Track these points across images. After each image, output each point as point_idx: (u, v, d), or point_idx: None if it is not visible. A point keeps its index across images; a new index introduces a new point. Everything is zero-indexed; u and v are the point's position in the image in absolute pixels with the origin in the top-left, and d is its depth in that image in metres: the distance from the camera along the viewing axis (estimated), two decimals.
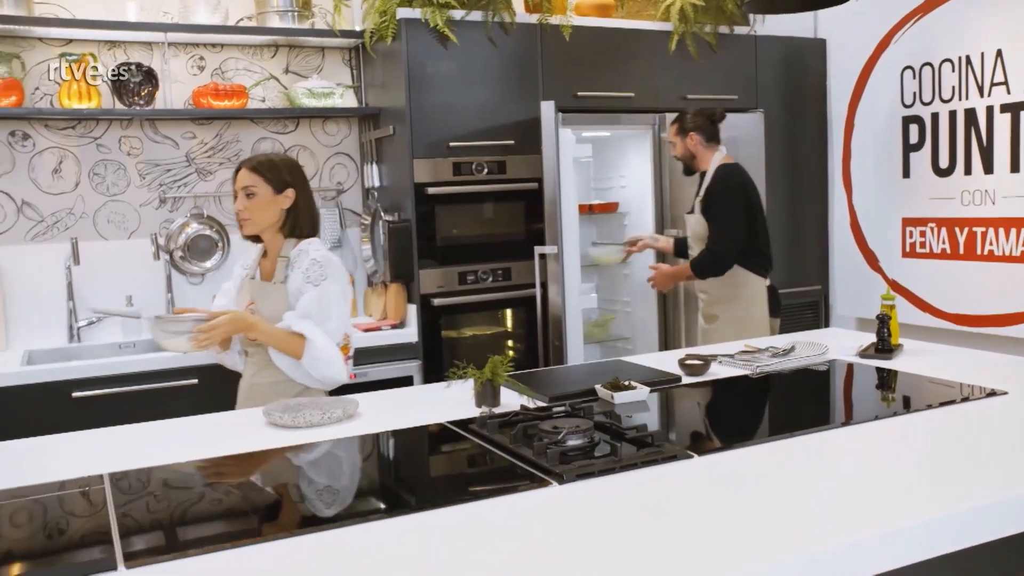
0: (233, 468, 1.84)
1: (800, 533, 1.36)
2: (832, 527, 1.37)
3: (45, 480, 1.77)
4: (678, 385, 2.40)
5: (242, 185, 2.54)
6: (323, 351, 2.45)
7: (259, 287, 2.59)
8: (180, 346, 2.42)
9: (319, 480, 1.81)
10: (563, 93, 4.00)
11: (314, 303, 2.48)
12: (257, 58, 4.05)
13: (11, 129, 3.65)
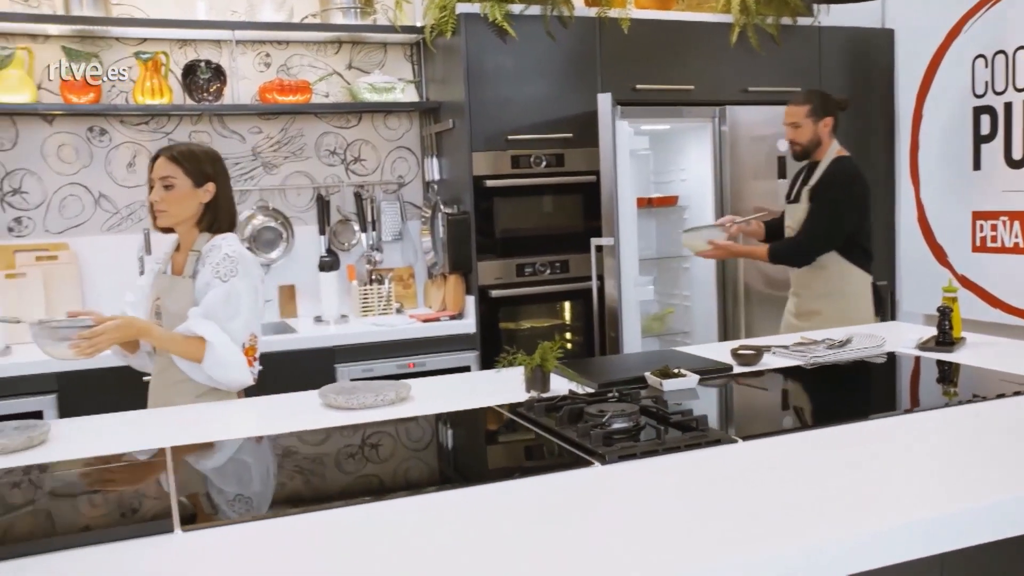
0: (288, 443, 1.91)
1: (839, 516, 1.35)
2: (874, 511, 1.36)
3: (113, 451, 1.86)
4: (729, 374, 2.39)
5: (160, 175, 2.41)
6: (224, 355, 2.34)
7: (167, 281, 2.49)
8: (62, 353, 2.26)
9: (371, 456, 1.86)
10: (622, 86, 4.00)
11: (220, 300, 2.36)
12: (321, 54, 4.15)
13: (89, 125, 3.82)
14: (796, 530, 1.30)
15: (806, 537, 1.28)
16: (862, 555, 1.29)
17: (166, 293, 2.47)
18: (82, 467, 1.78)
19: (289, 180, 4.14)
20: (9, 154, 3.71)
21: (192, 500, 1.54)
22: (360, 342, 3.68)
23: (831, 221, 3.38)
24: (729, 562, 1.21)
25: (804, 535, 1.28)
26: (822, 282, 3.45)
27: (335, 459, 1.83)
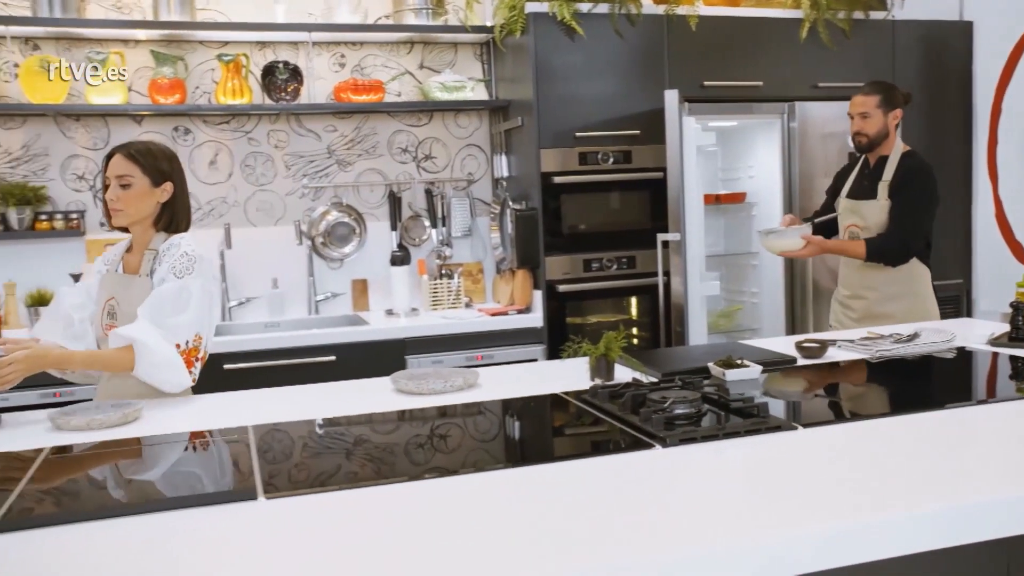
0: (361, 424, 2.00)
1: (889, 497, 1.37)
2: (930, 495, 1.38)
3: (199, 428, 1.98)
4: (792, 366, 2.41)
5: (116, 173, 2.34)
6: (158, 354, 2.24)
7: (122, 280, 2.42)
8: None
9: (440, 436, 1.94)
10: (689, 83, 4.02)
11: (169, 294, 2.30)
12: (394, 54, 4.26)
13: (175, 124, 4.00)
14: (850, 510, 1.33)
15: (856, 516, 1.30)
16: (916, 536, 1.31)
17: (122, 293, 2.39)
18: (174, 441, 1.90)
19: (362, 177, 4.26)
20: (101, 153, 3.91)
21: (273, 471, 1.64)
22: (430, 335, 3.78)
23: (926, 216, 3.31)
24: (782, 536, 1.25)
25: (857, 514, 1.31)
26: (894, 284, 3.34)
27: (405, 439, 1.91)
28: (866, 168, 3.45)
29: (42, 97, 3.63)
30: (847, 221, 3.44)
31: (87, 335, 2.44)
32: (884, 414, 1.89)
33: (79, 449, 1.87)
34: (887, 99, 3.33)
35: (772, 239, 3.37)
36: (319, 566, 1.21)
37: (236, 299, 4.08)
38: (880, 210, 3.34)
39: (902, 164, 3.33)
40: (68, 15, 3.65)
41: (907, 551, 1.31)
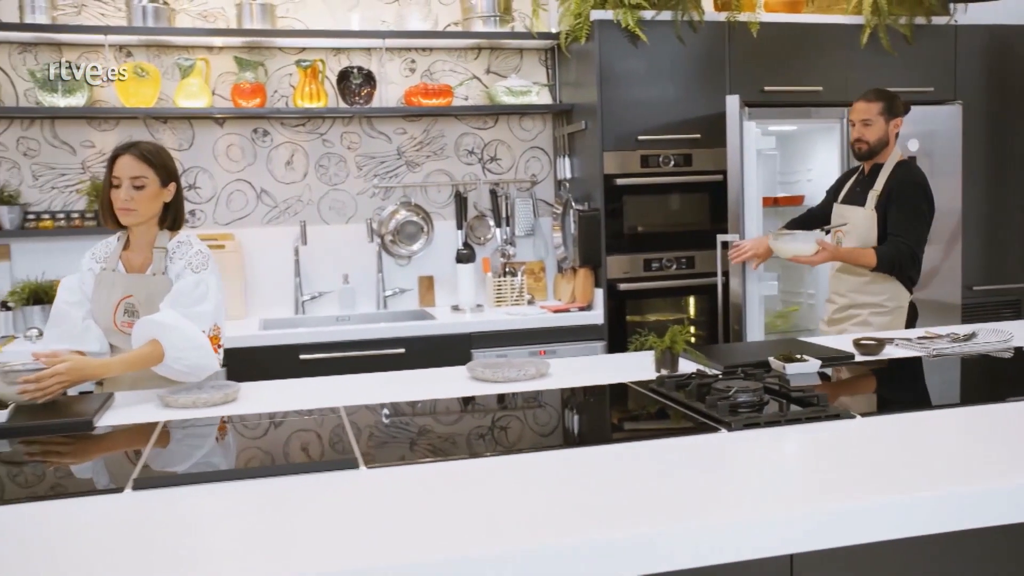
0: (442, 406, 2.15)
1: (936, 478, 1.48)
2: (975, 477, 1.49)
3: (294, 408, 2.15)
4: (850, 362, 2.50)
5: (131, 175, 2.40)
6: (188, 337, 2.33)
7: (137, 280, 2.49)
8: (15, 397, 2.14)
9: (517, 418, 2.08)
10: (750, 88, 4.11)
11: (189, 286, 2.41)
12: (462, 60, 4.42)
13: (254, 127, 4.21)
14: (901, 488, 1.44)
15: (905, 493, 1.41)
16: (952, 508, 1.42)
17: (141, 292, 2.47)
18: (275, 418, 2.07)
19: (430, 178, 4.43)
20: (186, 153, 4.14)
21: (369, 445, 1.80)
22: (495, 329, 3.93)
23: (924, 227, 3.28)
24: (833, 509, 1.37)
25: (906, 491, 1.42)
26: (865, 295, 3.32)
27: (486, 420, 2.06)
28: (862, 175, 3.46)
29: (135, 101, 3.86)
30: (835, 223, 3.47)
31: (92, 330, 2.50)
32: (941, 406, 1.98)
33: (190, 423, 2.05)
34: (889, 107, 3.32)
35: (784, 242, 3.36)
36: (414, 524, 1.36)
37: (309, 293, 4.28)
38: (864, 219, 3.33)
39: (894, 175, 3.31)
40: (159, 24, 3.88)
41: (954, 528, 1.42)
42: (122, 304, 2.48)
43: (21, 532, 1.38)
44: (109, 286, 2.50)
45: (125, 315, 2.47)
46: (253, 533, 1.34)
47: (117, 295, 2.48)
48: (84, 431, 2.01)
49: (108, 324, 2.50)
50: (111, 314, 2.48)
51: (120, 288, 2.49)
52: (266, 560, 1.23)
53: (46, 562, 1.26)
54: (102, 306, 2.50)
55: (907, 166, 3.39)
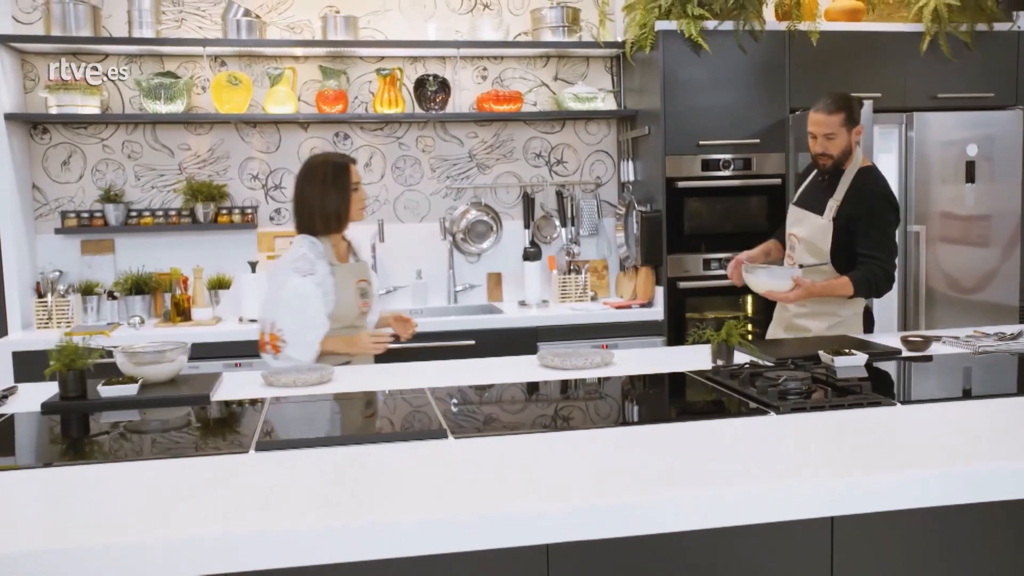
0: (516, 390, 2.37)
1: (960, 457, 1.66)
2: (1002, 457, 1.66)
3: (384, 389, 2.40)
4: (897, 356, 2.66)
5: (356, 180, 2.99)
6: None
7: (357, 267, 3.00)
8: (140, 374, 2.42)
9: (587, 400, 2.29)
10: (809, 94, 4.25)
11: None
12: (531, 67, 4.65)
13: (336, 131, 4.50)
14: (933, 464, 1.62)
15: (936, 468, 1.60)
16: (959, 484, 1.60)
17: (368, 275, 3.04)
18: (369, 396, 2.33)
19: (499, 179, 4.67)
20: (273, 156, 4.44)
21: (455, 420, 2.03)
22: (560, 324, 4.15)
23: (892, 238, 3.12)
24: (866, 480, 1.56)
25: (935, 467, 1.60)
26: (823, 302, 3.19)
27: (553, 402, 2.28)
28: (821, 177, 3.26)
29: (228, 107, 4.17)
30: (791, 229, 3.29)
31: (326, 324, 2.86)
32: (979, 396, 2.14)
33: (293, 399, 2.32)
34: (850, 116, 3.12)
35: (759, 276, 3.08)
36: (494, 483, 1.58)
37: (384, 287, 4.55)
38: (820, 228, 3.16)
39: (855, 184, 3.14)
40: (252, 36, 4.19)
41: (966, 500, 1.61)
42: (357, 287, 2.96)
43: (173, 482, 1.65)
44: (347, 274, 2.93)
45: (361, 296, 2.98)
46: (360, 487, 1.59)
47: (352, 280, 2.94)
48: (203, 404, 2.28)
49: (355, 306, 2.95)
50: (354, 296, 2.94)
51: (354, 274, 2.96)
52: (368, 509, 1.47)
53: (190, 505, 1.52)
54: (344, 293, 2.91)
55: (869, 173, 3.19)
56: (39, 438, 2.07)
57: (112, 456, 1.85)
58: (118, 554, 1.33)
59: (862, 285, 3.04)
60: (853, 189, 3.14)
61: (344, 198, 2.90)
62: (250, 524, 1.41)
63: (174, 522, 1.42)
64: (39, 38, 4.03)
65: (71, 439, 2.06)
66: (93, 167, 4.30)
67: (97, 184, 4.30)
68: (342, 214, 2.91)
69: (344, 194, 2.90)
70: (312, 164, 2.96)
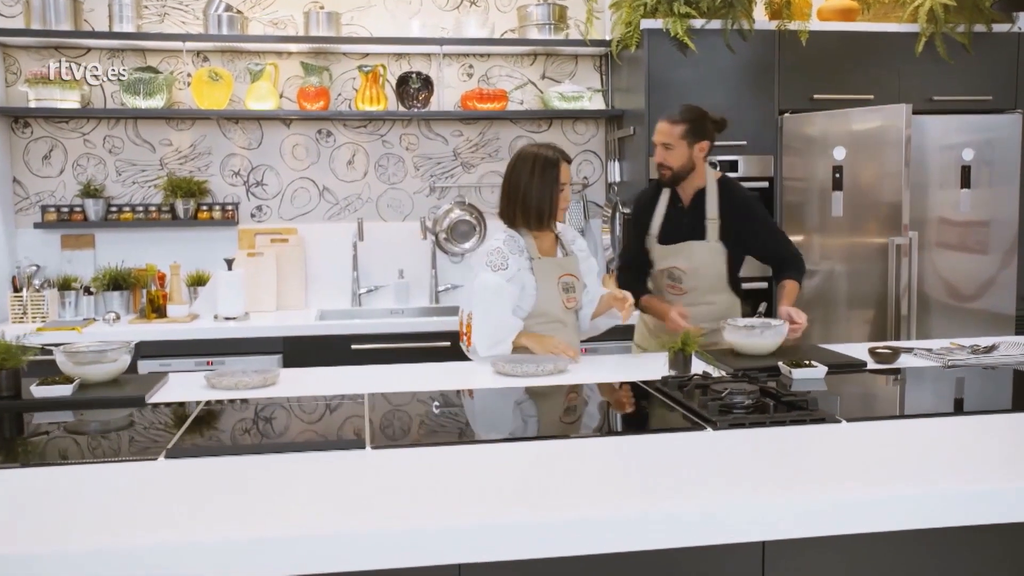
0: (457, 397, 2.31)
1: (886, 479, 1.57)
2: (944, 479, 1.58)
3: (325, 393, 2.34)
4: (860, 369, 2.57)
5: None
6: None
7: (564, 261, 2.92)
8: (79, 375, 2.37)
9: (523, 409, 2.22)
10: (799, 96, 4.16)
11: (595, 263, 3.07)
12: (518, 65, 4.58)
13: (318, 128, 4.45)
14: (876, 487, 1.54)
15: (880, 492, 1.51)
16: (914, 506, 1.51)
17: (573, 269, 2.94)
18: (303, 401, 2.27)
19: (484, 179, 4.60)
20: (255, 152, 4.41)
21: (380, 429, 1.97)
22: None
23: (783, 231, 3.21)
24: (802, 504, 1.48)
25: (882, 490, 1.52)
26: (705, 315, 3.08)
27: (490, 411, 2.21)
28: (677, 203, 3.17)
29: (208, 103, 4.14)
30: (666, 263, 3.15)
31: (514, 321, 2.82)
32: (933, 415, 2.05)
33: (229, 403, 2.27)
34: (693, 130, 3.02)
35: (752, 338, 2.74)
36: (399, 497, 1.52)
37: (366, 287, 4.50)
38: (711, 252, 3.07)
39: (724, 198, 3.09)
40: (233, 31, 4.15)
41: (897, 526, 1.52)
42: (560, 282, 2.88)
43: (64, 490, 1.60)
44: (549, 270, 2.88)
45: (565, 292, 2.89)
46: (254, 500, 1.53)
47: (555, 275, 2.88)
48: (137, 406, 2.24)
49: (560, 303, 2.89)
50: (557, 292, 2.87)
51: (556, 268, 2.90)
52: (257, 523, 1.42)
53: (91, 514, 1.47)
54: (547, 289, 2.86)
55: (730, 183, 3.17)
56: None
57: (15, 460, 1.80)
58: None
59: (801, 277, 3.12)
60: (725, 202, 3.09)
61: (549, 194, 2.81)
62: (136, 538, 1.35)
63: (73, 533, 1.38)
64: (18, 31, 4.01)
65: None
66: (74, 162, 4.28)
67: (78, 179, 4.28)
68: (543, 211, 2.82)
69: (550, 190, 2.81)
70: (523, 154, 2.87)
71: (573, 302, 2.90)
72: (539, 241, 2.89)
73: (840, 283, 4.68)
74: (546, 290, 2.85)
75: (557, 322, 2.89)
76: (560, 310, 2.88)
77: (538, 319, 2.87)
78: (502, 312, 2.78)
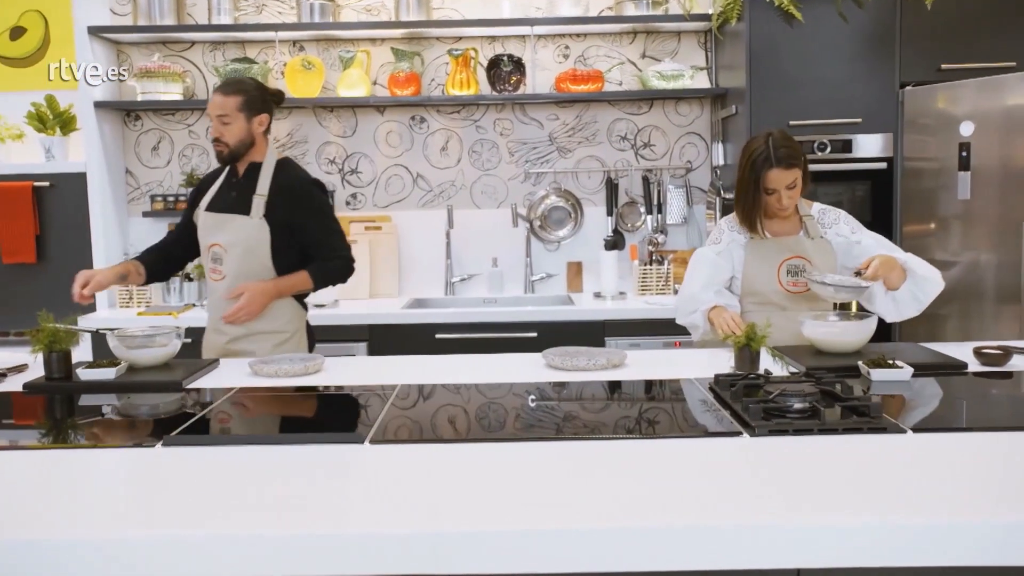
0: (496, 391, 2.17)
1: (974, 507, 1.32)
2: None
3: (360, 383, 2.27)
4: (959, 372, 2.25)
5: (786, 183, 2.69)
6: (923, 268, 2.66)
7: (799, 242, 2.77)
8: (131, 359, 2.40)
9: (554, 407, 2.06)
10: (924, 67, 3.76)
11: (883, 241, 2.80)
12: (616, 45, 4.37)
13: (411, 114, 4.41)
14: (928, 510, 1.30)
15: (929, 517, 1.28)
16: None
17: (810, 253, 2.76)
18: (332, 391, 2.20)
19: (581, 164, 4.43)
20: (350, 140, 4.41)
21: (391, 423, 1.87)
22: (630, 318, 3.88)
23: (337, 221, 2.98)
24: (841, 527, 1.27)
25: (931, 515, 1.28)
26: (266, 320, 2.87)
27: (519, 407, 2.06)
28: (234, 177, 2.95)
29: (301, 92, 4.17)
30: (211, 239, 2.89)
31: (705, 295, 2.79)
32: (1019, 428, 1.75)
33: (259, 391, 2.22)
34: (249, 102, 2.83)
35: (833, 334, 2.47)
36: (402, 493, 1.41)
37: (459, 275, 4.43)
38: (254, 228, 2.83)
39: (278, 180, 2.88)
40: (325, 19, 4.16)
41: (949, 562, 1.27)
42: (785, 265, 2.77)
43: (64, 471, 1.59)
44: (768, 252, 2.79)
45: (789, 275, 2.76)
46: (235, 493, 1.46)
47: (780, 258, 2.77)
48: (174, 391, 2.23)
49: (781, 284, 2.77)
50: (777, 274, 2.77)
51: (786, 250, 2.78)
52: (229, 517, 1.34)
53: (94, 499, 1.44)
54: (763, 270, 2.78)
55: (290, 165, 2.98)
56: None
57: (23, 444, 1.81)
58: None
59: (320, 278, 2.90)
60: (278, 184, 2.87)
61: (750, 197, 2.74)
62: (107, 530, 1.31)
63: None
64: (127, 28, 4.17)
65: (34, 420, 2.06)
66: (180, 152, 4.42)
67: (183, 169, 4.42)
68: (747, 211, 2.77)
69: (751, 193, 2.73)
70: (747, 144, 2.80)
71: (799, 287, 2.74)
72: (773, 221, 2.80)
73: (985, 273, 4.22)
74: (759, 270, 2.78)
75: (771, 304, 2.77)
76: (777, 293, 2.77)
77: (749, 299, 2.82)
78: (694, 284, 2.81)
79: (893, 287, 2.60)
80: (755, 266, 2.79)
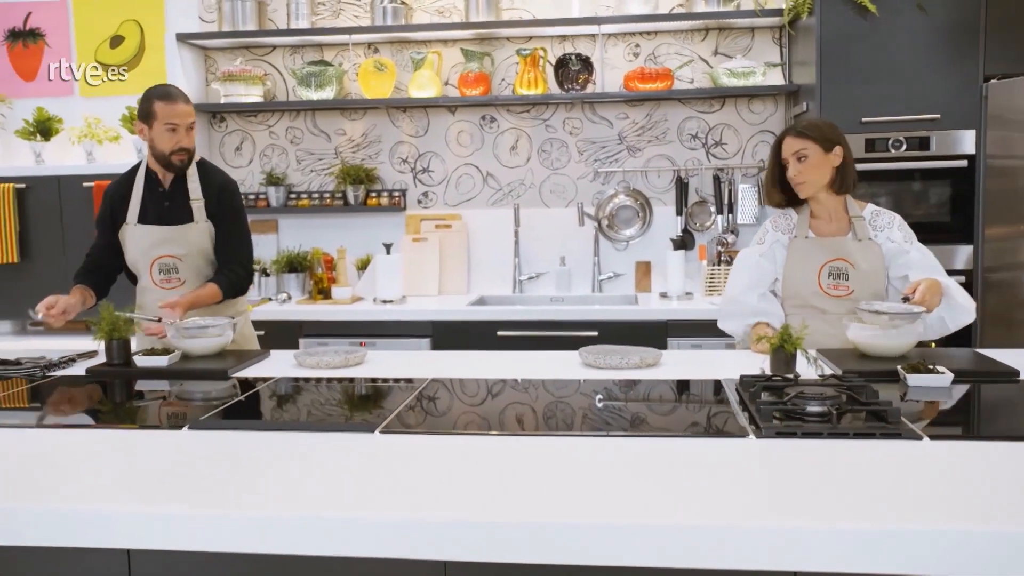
0: (523, 387, 2.19)
1: (975, 516, 1.27)
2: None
3: (393, 376, 2.33)
4: (1009, 380, 2.14)
5: (793, 151, 2.64)
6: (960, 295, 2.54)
7: (844, 244, 2.65)
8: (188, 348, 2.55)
9: (572, 405, 2.06)
10: (1011, 58, 3.57)
11: (929, 258, 2.63)
12: (688, 42, 4.32)
13: (482, 114, 4.46)
14: (932, 517, 1.27)
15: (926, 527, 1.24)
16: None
17: (855, 255, 2.64)
18: (361, 383, 2.27)
19: (651, 163, 4.40)
20: (422, 139, 4.50)
21: (406, 413, 1.91)
22: (693, 319, 3.82)
23: (248, 226, 3.02)
24: (835, 531, 1.24)
25: (933, 523, 1.25)
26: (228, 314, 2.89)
27: (534, 403, 2.08)
28: (158, 187, 2.89)
29: (374, 93, 4.28)
30: (157, 252, 2.84)
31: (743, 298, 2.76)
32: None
33: (296, 380, 2.31)
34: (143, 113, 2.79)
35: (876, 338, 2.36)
36: (404, 480, 1.45)
37: (527, 273, 4.46)
38: (205, 232, 2.87)
39: (206, 180, 2.90)
40: (397, 22, 4.26)
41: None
42: (827, 267, 2.66)
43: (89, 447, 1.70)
44: (806, 251, 2.70)
45: (830, 278, 2.66)
46: (242, 477, 1.53)
47: (823, 259, 2.67)
48: (218, 379, 2.35)
49: (817, 285, 2.68)
50: (817, 276, 2.67)
51: (827, 252, 2.67)
52: (230, 500, 1.41)
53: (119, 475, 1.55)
54: (803, 271, 2.70)
55: (210, 164, 3.00)
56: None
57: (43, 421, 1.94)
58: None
59: (228, 289, 2.86)
60: (205, 183, 2.90)
61: (769, 167, 2.77)
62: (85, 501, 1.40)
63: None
64: (212, 34, 4.37)
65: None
66: (261, 152, 4.61)
67: (263, 168, 4.60)
68: (765, 181, 2.81)
69: (770, 162, 2.76)
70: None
71: (841, 290, 2.63)
72: (819, 220, 2.72)
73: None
74: (798, 271, 2.69)
75: (810, 307, 2.67)
76: (816, 296, 2.66)
77: (789, 301, 2.74)
78: (736, 287, 2.78)
79: (929, 310, 2.43)
80: (795, 267, 2.71)
